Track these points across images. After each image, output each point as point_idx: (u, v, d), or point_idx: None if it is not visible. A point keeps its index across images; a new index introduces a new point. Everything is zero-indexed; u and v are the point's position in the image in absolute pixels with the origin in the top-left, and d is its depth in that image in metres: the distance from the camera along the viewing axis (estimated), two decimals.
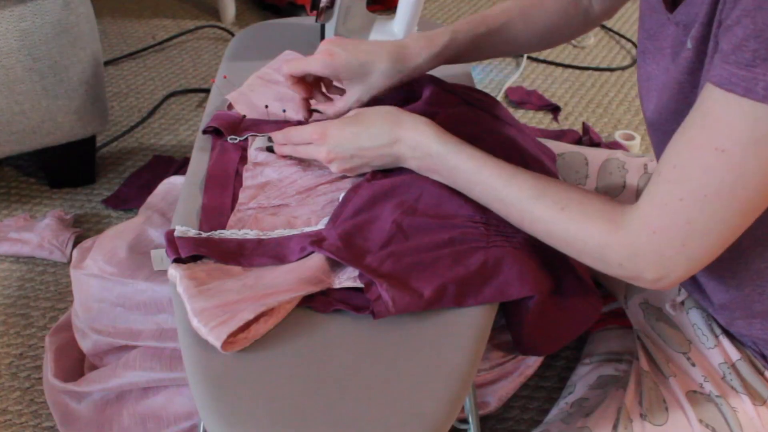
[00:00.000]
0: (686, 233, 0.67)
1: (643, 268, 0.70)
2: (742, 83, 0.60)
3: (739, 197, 0.64)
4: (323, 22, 1.13)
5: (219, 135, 0.96)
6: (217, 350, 0.66)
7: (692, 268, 0.69)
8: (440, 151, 0.79)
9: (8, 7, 1.34)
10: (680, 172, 0.66)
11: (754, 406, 0.82)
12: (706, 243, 0.67)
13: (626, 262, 0.70)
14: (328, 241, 0.76)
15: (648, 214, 0.69)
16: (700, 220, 0.66)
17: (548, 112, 1.96)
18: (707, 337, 0.87)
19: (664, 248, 0.68)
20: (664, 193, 0.67)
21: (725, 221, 0.65)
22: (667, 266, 0.69)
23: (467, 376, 0.67)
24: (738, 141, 0.61)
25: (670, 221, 0.67)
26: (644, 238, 0.69)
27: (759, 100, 0.59)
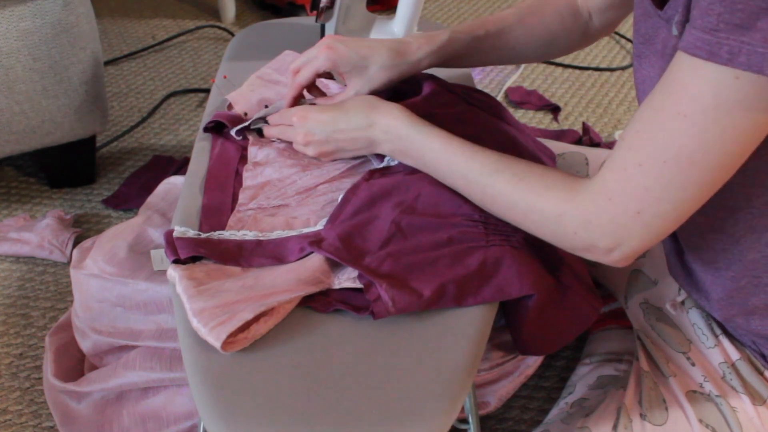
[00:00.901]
0: (642, 200, 0.66)
1: (597, 237, 0.69)
2: (706, 47, 0.59)
3: (699, 165, 0.63)
4: (323, 22, 1.13)
5: (219, 134, 0.96)
6: (217, 350, 0.66)
7: (647, 239, 0.69)
8: (409, 133, 0.81)
9: (8, 7, 1.34)
10: (641, 137, 0.66)
11: (754, 405, 0.82)
12: (662, 211, 0.66)
13: (581, 230, 0.70)
14: (327, 241, 0.76)
15: (606, 180, 0.69)
16: (657, 187, 0.65)
17: (548, 112, 1.96)
18: (707, 336, 0.87)
19: (620, 215, 0.68)
20: (624, 158, 0.67)
21: (683, 190, 0.65)
22: (621, 235, 0.68)
23: (467, 376, 0.67)
24: (700, 106, 0.61)
25: (627, 187, 0.67)
26: (600, 204, 0.69)
27: (722, 64, 0.58)
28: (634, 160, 0.66)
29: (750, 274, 0.77)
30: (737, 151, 0.63)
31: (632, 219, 0.67)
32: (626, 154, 0.67)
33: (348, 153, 0.87)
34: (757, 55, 0.57)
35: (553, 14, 1.00)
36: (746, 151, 0.64)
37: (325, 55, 0.90)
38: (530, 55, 1.04)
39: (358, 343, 0.69)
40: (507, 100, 2.00)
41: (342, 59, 0.90)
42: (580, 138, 1.83)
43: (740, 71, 0.58)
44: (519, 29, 0.99)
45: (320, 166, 0.90)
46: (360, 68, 0.91)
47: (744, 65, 0.58)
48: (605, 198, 0.68)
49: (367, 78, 0.91)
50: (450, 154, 0.79)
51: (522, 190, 0.74)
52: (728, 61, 0.58)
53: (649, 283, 0.98)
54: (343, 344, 0.69)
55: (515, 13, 1.00)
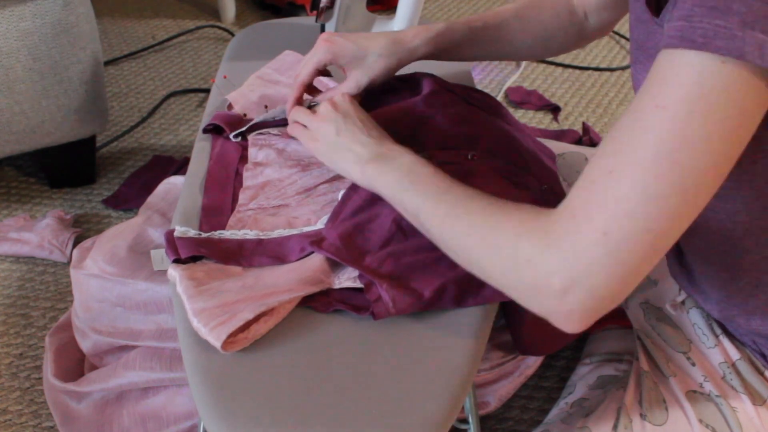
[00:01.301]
0: (610, 215, 0.55)
1: (553, 268, 0.57)
2: (678, 33, 0.54)
3: (681, 166, 0.54)
4: (323, 22, 1.13)
5: (219, 134, 0.96)
6: (217, 350, 0.66)
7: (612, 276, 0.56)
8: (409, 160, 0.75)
9: (8, 7, 1.34)
10: (615, 142, 0.57)
11: (754, 405, 0.82)
12: (633, 231, 0.55)
13: (536, 256, 0.58)
14: (327, 241, 0.76)
15: (572, 195, 0.58)
16: (629, 197, 0.55)
17: (548, 112, 1.96)
18: (707, 336, 0.87)
19: (582, 236, 0.56)
20: (594, 168, 0.58)
21: (661, 200, 0.54)
22: (580, 267, 0.56)
23: (467, 376, 0.67)
24: (680, 96, 0.53)
25: (593, 199, 0.56)
26: (562, 224, 0.58)
27: (697, 49, 0.53)
28: (604, 168, 0.56)
29: (750, 275, 0.77)
30: (724, 150, 0.55)
31: (597, 242, 0.55)
32: (597, 163, 0.58)
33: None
34: (736, 39, 0.52)
35: (550, 11, 1.00)
36: (733, 151, 0.55)
37: (324, 48, 0.91)
38: (526, 52, 1.03)
39: (358, 343, 0.69)
40: (507, 100, 2.00)
41: (341, 50, 0.91)
42: (580, 138, 1.83)
43: (720, 56, 0.52)
44: (516, 24, 0.99)
45: (320, 166, 0.90)
46: (359, 58, 0.91)
47: (723, 50, 0.52)
48: (568, 215, 0.57)
49: (366, 66, 0.92)
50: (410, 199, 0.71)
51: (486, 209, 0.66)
52: (703, 45, 0.52)
53: (649, 283, 0.98)
54: (343, 344, 0.69)
55: (513, 9, 1.00)
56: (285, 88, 1.05)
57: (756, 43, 0.52)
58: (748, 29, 0.52)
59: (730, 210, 0.72)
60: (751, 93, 0.54)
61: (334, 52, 0.91)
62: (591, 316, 0.59)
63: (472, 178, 0.83)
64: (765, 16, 0.52)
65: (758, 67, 0.53)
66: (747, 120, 0.55)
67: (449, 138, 0.89)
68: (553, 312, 0.59)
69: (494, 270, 0.63)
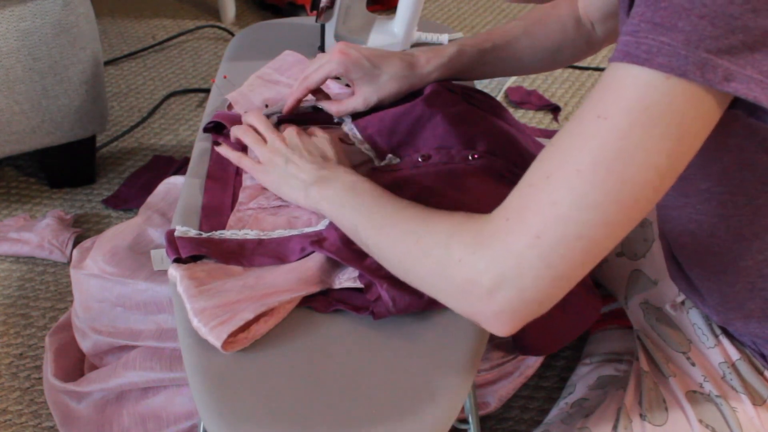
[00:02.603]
0: (545, 218, 0.55)
1: (482, 267, 0.57)
2: (624, 48, 0.54)
3: (618, 176, 0.54)
4: (323, 22, 1.13)
5: (219, 134, 0.96)
6: (217, 350, 0.66)
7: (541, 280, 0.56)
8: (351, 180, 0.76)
9: (8, 7, 1.34)
10: (554, 149, 0.57)
11: (754, 406, 0.82)
12: (567, 236, 0.55)
13: (467, 255, 0.59)
14: (328, 241, 0.76)
15: (509, 198, 0.59)
16: (565, 201, 0.55)
17: (548, 112, 1.96)
18: (707, 336, 0.87)
19: (515, 238, 0.56)
20: (531, 174, 0.58)
21: (596, 208, 0.54)
22: (510, 267, 0.57)
23: (467, 376, 0.67)
24: (623, 108, 0.53)
25: (528, 203, 0.57)
26: (495, 225, 0.58)
27: (641, 64, 0.53)
28: (543, 173, 0.57)
29: (744, 280, 0.77)
30: (664, 165, 0.54)
31: (529, 244, 0.56)
32: (536, 167, 0.58)
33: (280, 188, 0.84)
34: (679, 57, 0.51)
35: (557, 25, 1.00)
36: (674, 166, 0.55)
37: (338, 59, 0.91)
38: (537, 66, 1.04)
39: (358, 343, 0.69)
40: (507, 100, 2.00)
41: (355, 65, 0.91)
42: None
43: (663, 73, 0.52)
44: (524, 40, 0.99)
45: None
46: (371, 76, 0.92)
47: (665, 67, 0.52)
48: (503, 218, 0.58)
49: (377, 86, 0.92)
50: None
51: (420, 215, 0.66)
52: (646, 61, 0.52)
53: (649, 283, 0.98)
54: (343, 344, 0.69)
55: (520, 25, 1.00)
56: (285, 88, 1.05)
57: (699, 62, 0.51)
58: (692, 47, 0.51)
59: (721, 215, 0.72)
60: (694, 111, 0.53)
61: (347, 66, 0.91)
62: (519, 318, 0.59)
63: (471, 178, 0.84)
64: (710, 35, 0.51)
65: (701, 86, 0.52)
66: (690, 137, 0.54)
67: (449, 138, 0.89)
68: (481, 313, 0.60)
69: (425, 272, 0.63)
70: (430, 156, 0.87)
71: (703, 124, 0.55)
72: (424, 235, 0.64)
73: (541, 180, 0.57)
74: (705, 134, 0.56)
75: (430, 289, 0.65)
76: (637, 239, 1.02)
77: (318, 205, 0.78)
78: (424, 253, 0.63)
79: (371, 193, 0.73)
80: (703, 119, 0.54)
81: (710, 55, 0.51)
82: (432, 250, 0.62)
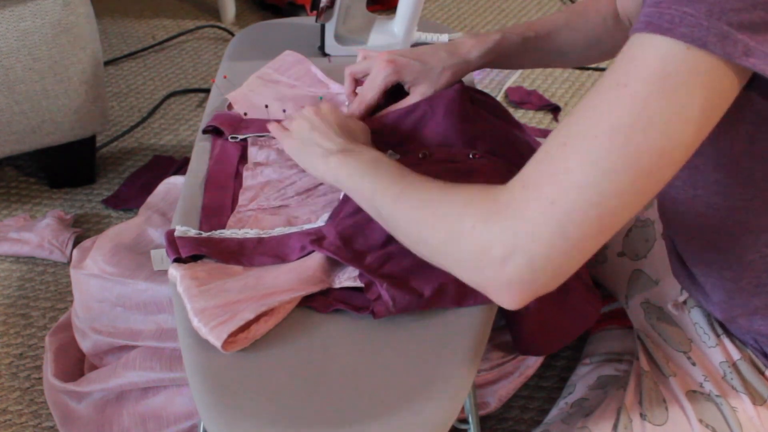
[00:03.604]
0: (560, 184, 0.55)
1: (495, 234, 0.57)
2: (647, 18, 0.54)
3: (636, 145, 0.53)
4: (323, 22, 1.13)
5: (219, 135, 0.96)
6: (217, 350, 0.66)
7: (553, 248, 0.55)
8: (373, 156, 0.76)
9: (8, 7, 1.34)
10: (574, 116, 0.57)
11: (754, 405, 0.82)
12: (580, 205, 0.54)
13: (479, 223, 0.58)
14: (328, 239, 0.76)
15: (526, 167, 0.58)
16: (580, 168, 0.54)
17: (548, 112, 1.96)
18: (708, 336, 0.87)
19: (529, 204, 0.56)
20: (551, 140, 0.58)
21: (612, 177, 0.54)
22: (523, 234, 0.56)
23: (467, 376, 0.67)
24: (642, 76, 0.54)
25: (544, 169, 0.56)
26: (511, 192, 0.58)
27: (662, 33, 0.53)
28: (560, 140, 0.56)
29: (750, 275, 0.77)
30: (682, 135, 0.54)
31: (543, 211, 0.55)
32: (554, 136, 0.58)
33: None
34: (701, 28, 0.52)
35: (597, 18, 1.00)
36: (692, 138, 0.55)
37: (387, 69, 0.92)
38: (575, 58, 1.04)
39: (358, 343, 0.69)
40: (507, 100, 2.00)
41: (405, 69, 0.92)
42: None
43: (684, 42, 0.52)
44: (566, 32, 1.00)
45: None
46: (424, 74, 0.93)
47: (687, 37, 0.52)
48: (519, 186, 0.57)
49: (431, 81, 0.93)
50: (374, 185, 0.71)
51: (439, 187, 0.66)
52: (668, 30, 0.52)
53: (650, 282, 0.98)
54: (343, 344, 0.69)
55: (562, 17, 1.01)
56: (285, 88, 1.05)
57: (719, 34, 0.52)
58: (714, 19, 0.52)
59: (729, 208, 0.72)
60: (714, 82, 0.54)
61: (399, 72, 0.92)
62: (529, 290, 0.58)
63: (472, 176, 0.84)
64: (732, 8, 0.52)
65: (721, 58, 0.53)
66: (708, 109, 0.55)
67: (450, 137, 0.89)
68: (491, 282, 0.59)
69: (437, 242, 0.62)
70: (431, 154, 0.87)
71: (721, 97, 0.55)
72: (439, 204, 0.63)
73: (557, 148, 0.56)
74: (723, 108, 0.56)
75: (440, 259, 0.64)
76: (638, 239, 1.02)
77: (336, 173, 0.77)
78: (437, 222, 0.62)
79: (393, 167, 0.73)
80: (721, 93, 0.55)
81: (731, 28, 0.52)
82: (445, 218, 0.61)
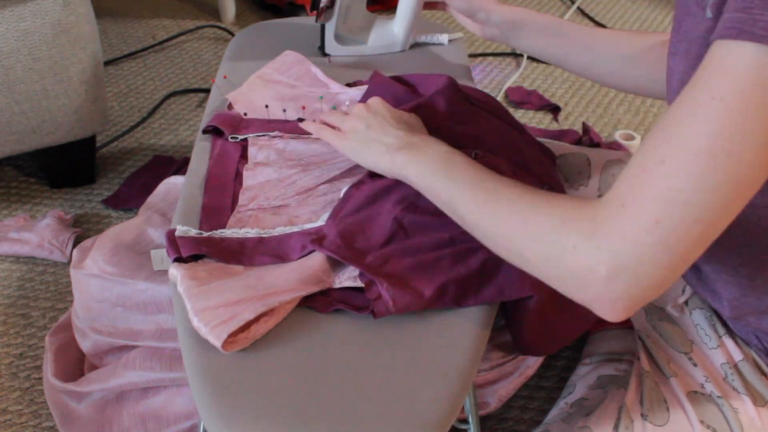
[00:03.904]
0: (664, 204, 0.55)
1: (600, 254, 0.57)
2: (738, 25, 0.53)
3: (737, 157, 0.54)
4: (323, 22, 1.13)
5: (219, 135, 0.96)
6: (217, 350, 0.66)
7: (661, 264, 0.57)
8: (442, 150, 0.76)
9: (8, 7, 1.34)
10: (667, 133, 0.57)
11: (756, 407, 0.82)
12: (686, 220, 0.55)
13: (582, 242, 0.58)
14: (328, 239, 0.76)
15: (620, 185, 0.58)
16: (683, 186, 0.55)
17: (548, 112, 1.96)
18: (710, 337, 0.87)
19: (633, 224, 0.56)
20: (645, 158, 0.57)
21: (715, 190, 0.54)
22: (630, 254, 0.56)
23: (467, 376, 0.67)
24: (738, 88, 0.53)
25: (645, 189, 0.56)
26: (611, 211, 0.58)
27: (758, 41, 0.52)
28: (656, 158, 0.56)
29: (765, 274, 0.76)
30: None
31: (648, 230, 0.56)
32: (647, 154, 0.57)
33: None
34: None
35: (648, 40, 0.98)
36: None
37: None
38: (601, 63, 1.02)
39: (358, 343, 0.69)
40: (507, 100, 2.00)
41: None
42: (580, 138, 1.82)
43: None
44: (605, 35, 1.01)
45: (320, 167, 0.89)
46: None
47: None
48: (618, 204, 0.58)
49: None
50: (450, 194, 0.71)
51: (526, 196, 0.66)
52: (763, 38, 0.51)
53: None
54: (343, 344, 0.69)
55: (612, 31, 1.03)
56: (285, 87, 1.05)
57: None
58: None
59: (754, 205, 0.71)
60: None
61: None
62: (635, 305, 0.59)
63: None
64: None
65: None
66: None
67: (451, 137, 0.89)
68: (597, 300, 0.59)
69: (535, 258, 0.63)
70: None
71: None
72: (531, 217, 0.63)
73: (655, 165, 0.56)
74: None
75: (538, 273, 0.64)
76: None
77: (404, 170, 0.75)
78: (533, 238, 0.62)
79: (468, 167, 0.71)
80: None
81: None
82: (543, 235, 0.62)
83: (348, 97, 1.02)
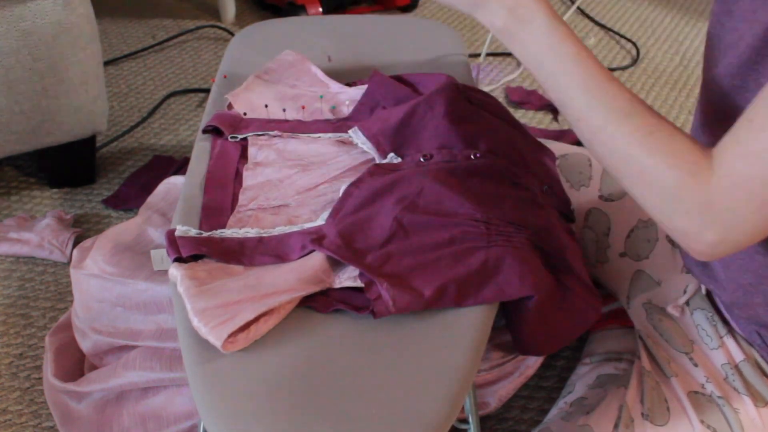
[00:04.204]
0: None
1: (710, 224, 0.62)
2: None
3: None
4: None
5: (219, 134, 0.96)
6: (217, 350, 0.66)
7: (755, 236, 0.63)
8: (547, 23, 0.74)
9: (8, 7, 1.34)
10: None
11: (756, 407, 0.82)
12: None
13: (695, 212, 0.63)
14: (328, 238, 0.76)
15: (734, 164, 0.61)
16: None
17: (548, 112, 1.96)
18: (711, 338, 0.87)
19: (743, 205, 0.61)
20: (757, 141, 0.60)
21: None
22: (735, 226, 0.62)
23: (467, 376, 0.67)
24: None
25: (757, 172, 0.60)
26: (725, 189, 0.62)
27: None
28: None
29: None
30: None
31: (755, 210, 0.61)
32: (759, 136, 0.60)
33: None
34: None
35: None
36: None
37: None
38: None
39: (357, 343, 0.69)
40: (507, 100, 2.00)
41: None
42: None
43: None
44: None
45: (321, 166, 0.90)
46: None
47: None
48: (731, 183, 0.61)
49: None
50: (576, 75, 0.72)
51: (646, 146, 0.66)
52: None
53: (652, 283, 0.98)
54: (342, 344, 0.69)
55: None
56: (285, 87, 1.05)
57: None
58: None
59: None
60: None
61: None
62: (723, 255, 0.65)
63: (473, 177, 0.84)
64: None
65: None
66: None
67: (451, 137, 0.89)
68: (694, 252, 0.66)
69: (650, 202, 0.67)
70: (432, 155, 0.87)
71: None
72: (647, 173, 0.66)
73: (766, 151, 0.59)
74: None
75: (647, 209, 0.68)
76: (640, 240, 1.02)
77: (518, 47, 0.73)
78: (646, 189, 0.67)
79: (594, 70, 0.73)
80: None
81: None
82: (656, 191, 0.66)
83: (348, 97, 1.02)
